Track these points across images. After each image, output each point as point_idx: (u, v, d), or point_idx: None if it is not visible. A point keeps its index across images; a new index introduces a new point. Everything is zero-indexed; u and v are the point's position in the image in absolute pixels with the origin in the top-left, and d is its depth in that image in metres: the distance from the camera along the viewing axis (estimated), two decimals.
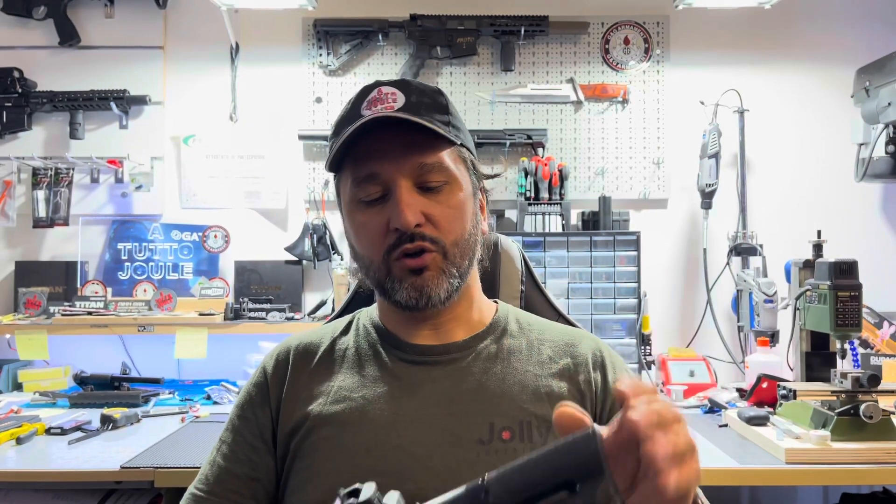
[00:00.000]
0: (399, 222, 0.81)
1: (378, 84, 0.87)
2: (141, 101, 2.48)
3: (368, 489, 0.51)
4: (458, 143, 0.86)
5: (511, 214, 2.49)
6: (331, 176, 0.92)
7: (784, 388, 1.71)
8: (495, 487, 0.44)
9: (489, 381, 0.85)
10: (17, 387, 2.32)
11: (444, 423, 0.82)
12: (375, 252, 0.85)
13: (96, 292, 2.42)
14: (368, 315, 0.96)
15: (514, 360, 0.88)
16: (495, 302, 0.98)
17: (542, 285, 1.19)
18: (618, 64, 2.55)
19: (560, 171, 2.41)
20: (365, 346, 0.91)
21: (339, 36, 2.51)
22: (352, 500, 0.49)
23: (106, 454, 1.61)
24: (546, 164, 2.40)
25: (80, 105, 2.46)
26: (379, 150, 0.83)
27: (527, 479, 0.44)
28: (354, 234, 0.88)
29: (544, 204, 2.40)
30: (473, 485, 0.46)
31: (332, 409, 0.85)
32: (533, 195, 2.41)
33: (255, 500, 0.86)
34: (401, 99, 0.84)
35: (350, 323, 0.97)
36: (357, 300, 1.13)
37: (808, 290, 1.79)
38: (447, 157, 0.85)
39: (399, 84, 0.87)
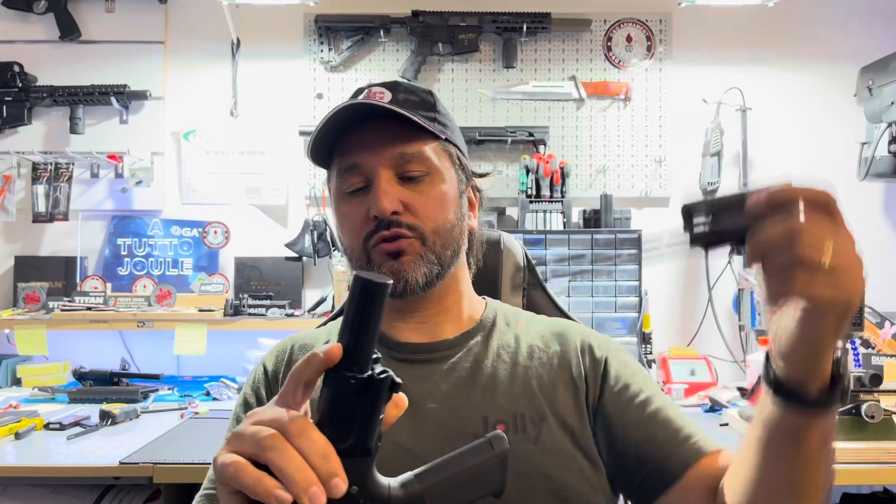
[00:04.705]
0: (376, 209, 0.83)
1: (370, 85, 0.90)
2: (141, 96, 2.48)
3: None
4: (443, 137, 0.88)
5: (512, 212, 2.48)
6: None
7: None
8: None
9: (480, 376, 0.86)
10: (16, 382, 2.32)
11: (439, 419, 0.82)
12: (356, 240, 0.86)
13: (96, 287, 2.41)
14: None
15: (503, 353, 0.89)
16: (484, 299, 0.99)
17: (545, 283, 1.18)
18: (620, 61, 2.54)
19: (561, 168, 2.40)
20: None
21: (340, 32, 2.50)
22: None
23: (105, 450, 1.61)
24: (548, 162, 2.39)
25: (80, 100, 2.45)
26: (361, 142, 0.85)
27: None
28: (339, 225, 0.90)
29: (545, 201, 2.39)
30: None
31: None
32: (534, 193, 2.40)
33: None
34: (388, 96, 0.87)
35: None
36: None
37: None
38: (430, 149, 0.87)
39: (389, 84, 0.89)
